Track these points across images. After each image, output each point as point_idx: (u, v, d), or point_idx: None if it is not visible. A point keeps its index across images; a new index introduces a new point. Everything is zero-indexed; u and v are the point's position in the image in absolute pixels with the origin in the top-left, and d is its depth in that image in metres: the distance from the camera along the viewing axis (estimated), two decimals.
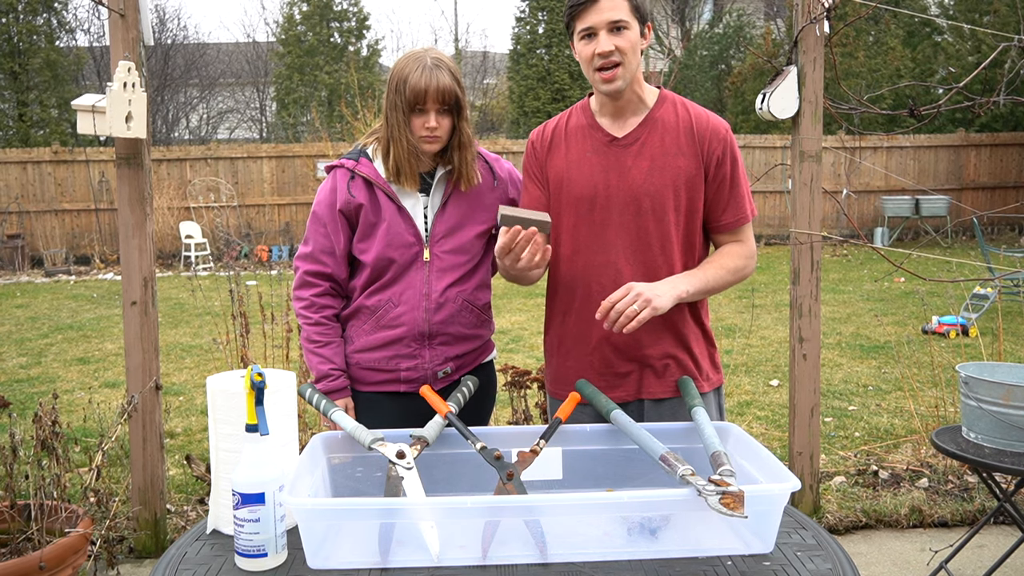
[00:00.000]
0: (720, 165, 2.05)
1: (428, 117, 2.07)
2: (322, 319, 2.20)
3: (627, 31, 1.96)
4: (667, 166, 2.03)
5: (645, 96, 2.08)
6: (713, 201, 2.08)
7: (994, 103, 2.99)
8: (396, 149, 2.10)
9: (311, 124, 17.95)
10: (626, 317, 1.86)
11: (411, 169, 2.12)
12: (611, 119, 2.09)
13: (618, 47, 1.96)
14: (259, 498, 1.45)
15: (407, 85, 2.05)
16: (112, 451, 3.76)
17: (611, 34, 1.96)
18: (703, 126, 2.06)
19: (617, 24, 1.95)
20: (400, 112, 2.07)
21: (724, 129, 2.07)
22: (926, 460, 4.22)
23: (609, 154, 2.06)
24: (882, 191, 15.31)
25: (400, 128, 2.08)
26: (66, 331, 8.50)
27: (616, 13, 1.95)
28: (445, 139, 2.12)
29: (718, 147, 2.05)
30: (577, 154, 2.09)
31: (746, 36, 19.30)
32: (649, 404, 2.11)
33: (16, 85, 16.38)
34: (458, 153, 2.15)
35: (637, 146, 2.05)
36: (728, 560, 1.48)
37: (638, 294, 1.88)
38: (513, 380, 3.50)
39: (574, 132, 2.12)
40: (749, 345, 7.19)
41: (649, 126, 2.06)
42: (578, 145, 2.10)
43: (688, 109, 2.09)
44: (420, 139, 2.09)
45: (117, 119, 3.05)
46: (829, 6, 3.29)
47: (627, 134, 2.06)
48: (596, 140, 2.08)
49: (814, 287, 3.50)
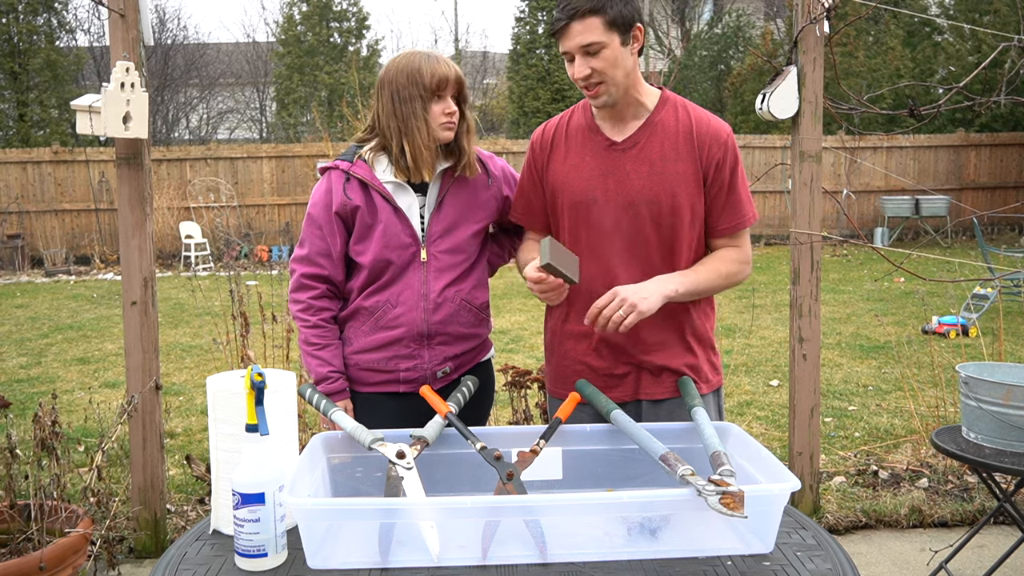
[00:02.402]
0: (719, 170, 2.03)
1: (448, 103, 2.11)
2: (320, 321, 2.20)
3: (604, 50, 1.92)
4: (666, 171, 2.02)
5: (644, 99, 2.06)
6: (711, 205, 2.06)
7: (994, 103, 2.99)
8: (413, 143, 2.10)
9: (311, 124, 17.97)
10: (612, 324, 1.88)
11: (431, 158, 2.13)
12: (610, 123, 2.08)
13: (594, 69, 1.93)
14: (259, 498, 1.45)
15: (427, 74, 2.08)
16: (112, 451, 3.76)
17: (586, 57, 1.93)
18: (704, 130, 2.04)
19: (589, 48, 1.91)
20: (418, 103, 2.09)
21: (725, 133, 2.06)
22: (926, 460, 4.22)
23: (608, 158, 2.05)
24: (882, 191, 15.31)
25: (418, 118, 2.09)
26: (66, 331, 8.50)
27: (587, 36, 1.91)
28: (456, 128, 2.16)
29: (718, 152, 2.03)
30: (576, 158, 2.09)
31: (746, 36, 19.30)
32: (647, 405, 2.11)
33: (16, 85, 16.38)
34: (467, 139, 2.18)
35: (636, 150, 2.04)
36: (728, 560, 1.48)
37: (623, 299, 1.88)
38: (513, 380, 3.50)
39: (574, 134, 2.11)
40: (749, 345, 7.19)
41: (649, 130, 2.04)
42: (577, 148, 2.09)
43: (689, 112, 2.06)
44: (440, 126, 2.11)
45: (113, 119, 3.05)
46: (829, 6, 3.29)
47: (626, 138, 2.05)
48: (595, 144, 2.07)
49: (814, 287, 3.50)
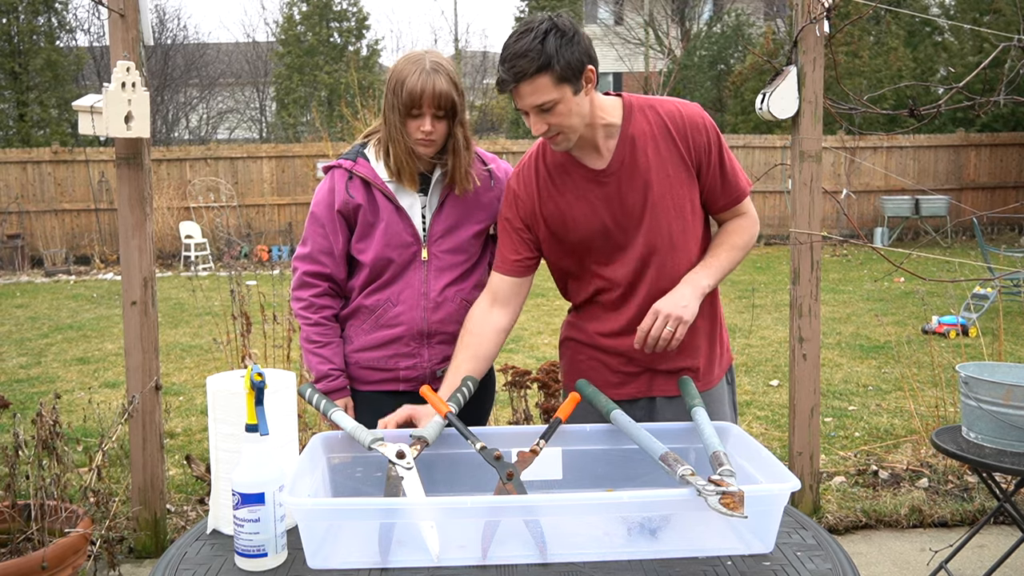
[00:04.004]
0: (708, 154, 2.02)
1: (424, 121, 2.04)
2: (321, 319, 2.20)
3: (557, 106, 1.85)
4: (659, 180, 1.99)
5: (611, 118, 1.99)
6: (709, 189, 2.06)
7: (994, 103, 2.99)
8: (395, 149, 2.10)
9: (311, 124, 17.96)
10: (663, 342, 1.90)
11: (411, 169, 2.12)
12: (585, 151, 2.02)
13: (551, 124, 1.88)
14: (259, 498, 1.45)
15: (404, 88, 2.03)
16: (112, 451, 3.76)
17: (541, 114, 1.87)
18: (680, 123, 2.00)
19: (542, 107, 1.85)
20: (397, 114, 2.06)
21: (700, 117, 2.02)
22: (926, 460, 4.22)
23: (600, 188, 2.01)
24: (882, 191, 15.30)
25: (397, 129, 2.08)
26: (66, 331, 8.50)
27: (538, 97, 1.84)
28: (441, 143, 2.11)
29: (701, 138, 2.00)
30: (572, 195, 2.03)
31: (746, 36, 19.29)
32: (661, 401, 2.11)
33: (16, 85, 16.38)
34: (452, 158, 2.12)
35: (624, 170, 2.00)
36: (728, 560, 1.48)
37: (667, 315, 1.89)
38: (513, 380, 3.51)
39: (556, 170, 2.04)
40: (749, 345, 7.19)
41: (628, 146, 1.99)
42: (568, 184, 2.03)
43: (658, 110, 2.01)
44: (416, 142, 2.08)
45: (115, 119, 3.05)
46: (829, 6, 3.29)
47: (609, 163, 2.00)
48: (583, 177, 2.02)
49: (814, 287, 3.50)
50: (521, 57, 1.81)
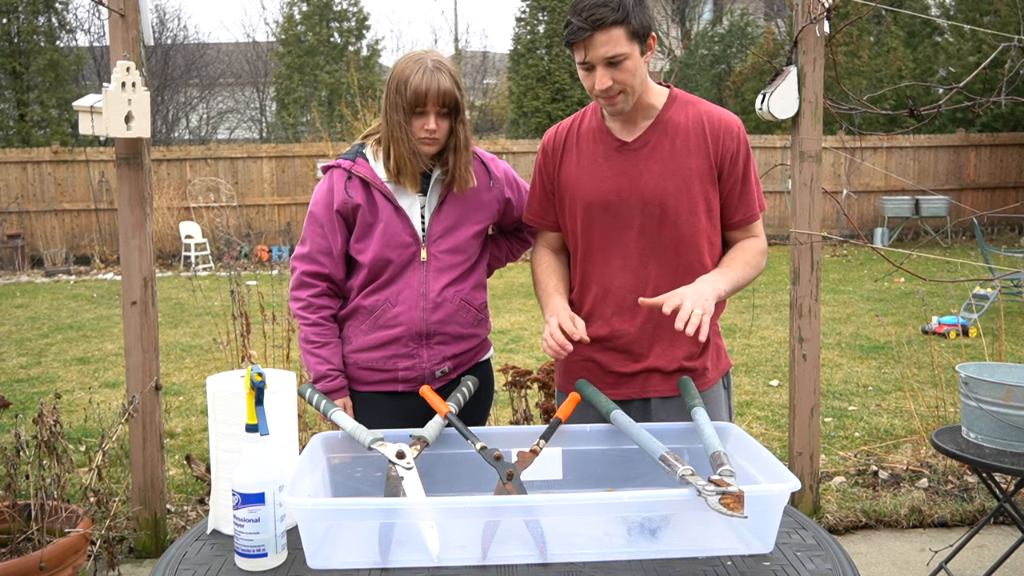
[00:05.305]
0: (734, 163, 2.04)
1: (428, 119, 2.06)
2: (320, 319, 2.20)
3: (626, 61, 1.88)
4: (679, 168, 2.02)
5: (654, 99, 2.05)
6: (726, 198, 2.07)
7: (994, 103, 2.99)
8: (397, 149, 2.10)
9: (311, 124, 17.95)
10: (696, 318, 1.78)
11: (412, 169, 2.12)
12: (620, 123, 2.07)
13: (616, 80, 1.90)
14: (259, 498, 1.45)
15: (408, 86, 2.04)
16: (112, 451, 3.76)
17: (608, 68, 1.88)
18: (716, 125, 2.04)
19: (613, 59, 1.87)
20: (400, 112, 2.07)
21: (736, 126, 2.06)
22: (926, 460, 4.22)
23: (620, 159, 2.05)
24: (882, 191, 15.30)
25: (400, 128, 2.08)
26: (66, 331, 8.50)
27: (612, 48, 1.86)
28: (443, 141, 2.12)
29: (731, 145, 2.04)
30: (588, 160, 2.08)
31: (746, 36, 19.30)
32: (656, 402, 2.11)
33: (17, 85, 16.38)
34: (453, 156, 2.14)
35: (647, 150, 2.03)
36: (728, 560, 1.48)
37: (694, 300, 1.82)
38: (513, 380, 3.50)
39: (586, 136, 2.10)
40: (749, 345, 7.19)
41: (659, 129, 2.04)
42: (589, 150, 2.09)
43: (699, 108, 2.06)
44: (419, 140, 2.09)
45: (115, 119, 3.05)
46: (829, 6, 3.29)
47: (636, 138, 2.05)
48: (606, 145, 2.07)
49: (814, 287, 3.50)
50: (602, 6, 1.84)
